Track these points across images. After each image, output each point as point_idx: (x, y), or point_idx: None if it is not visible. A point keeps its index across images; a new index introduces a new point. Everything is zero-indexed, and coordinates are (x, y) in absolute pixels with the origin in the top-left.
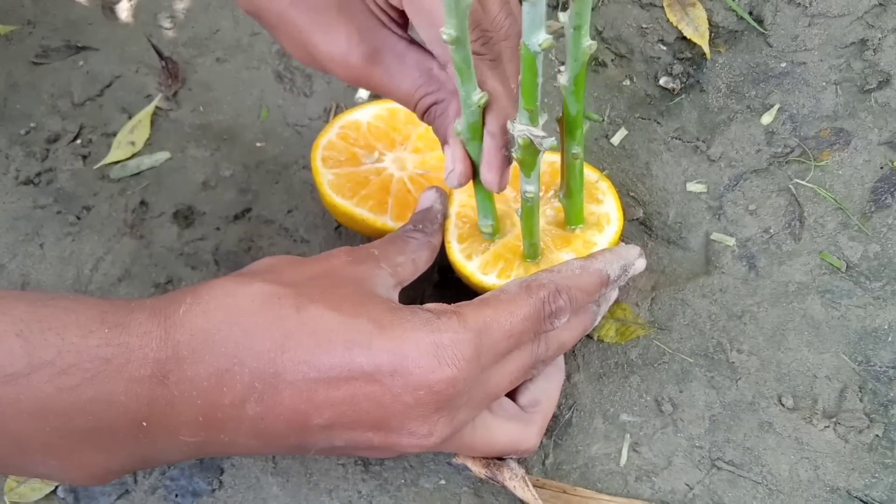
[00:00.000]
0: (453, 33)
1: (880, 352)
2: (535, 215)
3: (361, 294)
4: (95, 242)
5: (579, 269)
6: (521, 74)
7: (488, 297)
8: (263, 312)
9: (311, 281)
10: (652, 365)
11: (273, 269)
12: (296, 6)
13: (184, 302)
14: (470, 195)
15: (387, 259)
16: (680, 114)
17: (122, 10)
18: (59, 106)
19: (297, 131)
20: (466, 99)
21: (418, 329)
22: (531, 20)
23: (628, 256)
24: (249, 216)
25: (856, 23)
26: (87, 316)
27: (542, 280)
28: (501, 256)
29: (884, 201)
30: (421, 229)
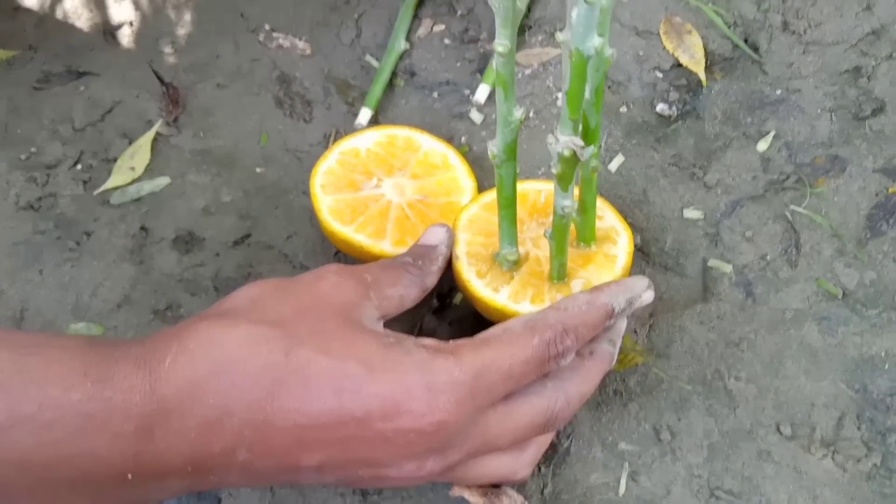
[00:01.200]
0: (507, 44)
1: (877, 379)
2: (567, 232)
3: (350, 329)
4: (95, 268)
5: (586, 304)
6: (570, 81)
7: (489, 337)
8: (252, 360)
9: (298, 316)
10: (650, 392)
11: (258, 303)
12: None
13: (169, 351)
14: (474, 233)
15: (377, 288)
16: (676, 140)
17: (123, 36)
18: (60, 131)
19: (296, 157)
20: (507, 116)
21: (411, 371)
22: (586, 23)
23: (635, 289)
24: (249, 242)
25: (850, 51)
26: (70, 367)
27: (549, 320)
28: (528, 283)
29: (879, 228)
30: (419, 266)
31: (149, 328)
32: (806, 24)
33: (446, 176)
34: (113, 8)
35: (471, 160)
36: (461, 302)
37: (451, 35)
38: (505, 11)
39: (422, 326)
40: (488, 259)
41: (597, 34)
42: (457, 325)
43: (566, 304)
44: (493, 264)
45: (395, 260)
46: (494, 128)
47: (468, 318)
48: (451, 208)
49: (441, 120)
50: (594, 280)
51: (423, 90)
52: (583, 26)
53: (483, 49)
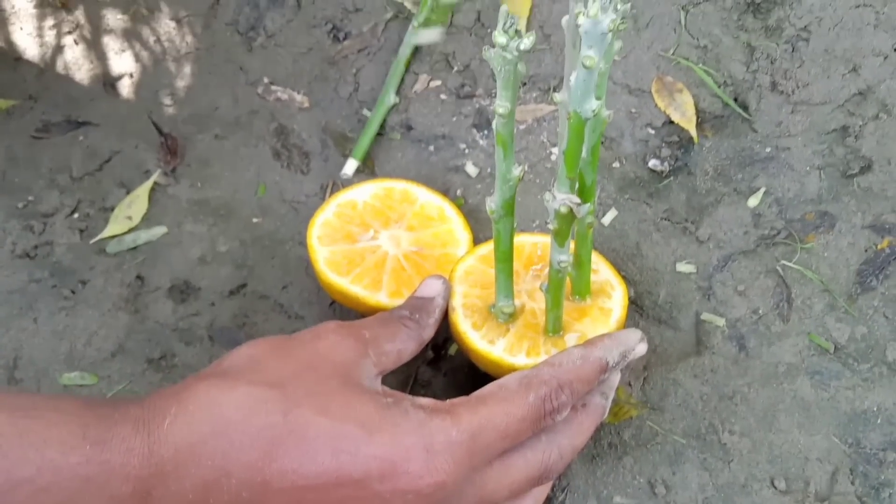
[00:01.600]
0: (508, 105)
1: (870, 434)
2: (563, 286)
3: (348, 389)
4: (90, 317)
5: (580, 359)
6: (567, 141)
7: (485, 395)
8: (250, 421)
9: (297, 376)
10: (645, 446)
11: (257, 363)
12: None
13: (168, 412)
14: (471, 285)
15: (375, 345)
16: (669, 195)
17: (123, 87)
18: (58, 180)
19: (293, 208)
20: (506, 174)
21: (409, 433)
22: (585, 86)
23: (628, 342)
24: (244, 292)
25: (837, 110)
26: (68, 430)
27: (544, 376)
28: (524, 335)
29: (869, 284)
30: (416, 319)
31: (143, 378)
32: (794, 84)
33: (442, 228)
34: (113, 60)
35: (466, 213)
36: (456, 353)
37: (448, 90)
38: (506, 74)
39: (416, 377)
40: (484, 311)
41: (595, 97)
42: (451, 376)
43: (560, 360)
44: (489, 316)
45: (393, 314)
46: (490, 181)
47: (463, 368)
48: (446, 260)
49: (437, 173)
50: (589, 333)
51: (419, 144)
52: (581, 89)
53: (479, 104)
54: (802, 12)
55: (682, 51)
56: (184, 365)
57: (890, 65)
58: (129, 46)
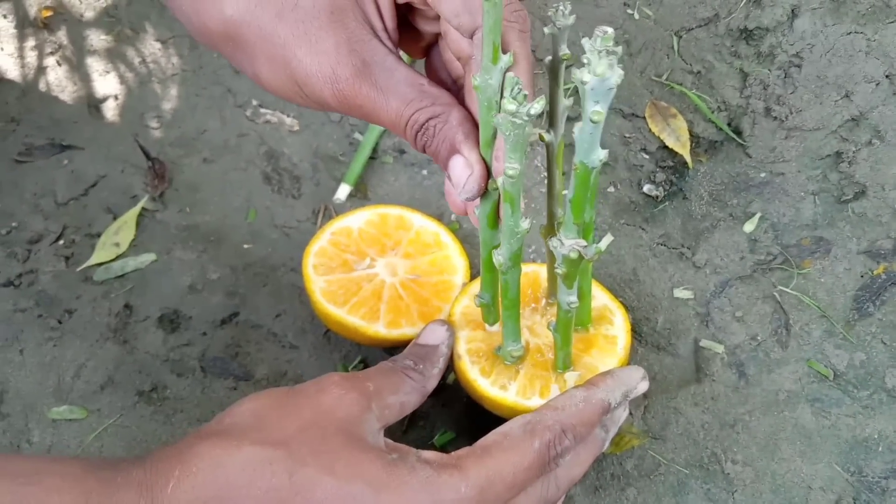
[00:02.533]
0: (517, 168)
1: (871, 462)
2: (572, 325)
3: (353, 446)
4: (77, 348)
5: (582, 401)
6: (574, 191)
7: (490, 445)
8: (256, 484)
9: (301, 434)
10: (648, 476)
11: (260, 420)
12: (282, 17)
13: (172, 475)
14: (472, 327)
15: (379, 398)
16: (664, 220)
17: (108, 110)
18: (42, 205)
19: (284, 233)
20: (514, 228)
21: (418, 491)
22: (591, 139)
23: (630, 381)
24: (237, 321)
25: (830, 136)
26: (70, 497)
27: (547, 421)
28: (535, 375)
29: (866, 309)
30: (420, 370)
31: (134, 411)
32: (787, 110)
33: (439, 255)
34: (98, 81)
35: (461, 238)
36: (454, 382)
37: None
38: (516, 138)
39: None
40: (489, 355)
41: (600, 147)
42: (450, 407)
43: (563, 403)
44: (496, 360)
45: (396, 364)
46: None
47: (461, 398)
48: (444, 287)
49: (431, 197)
50: (600, 365)
51: (412, 167)
52: (587, 142)
53: None
54: (794, 39)
55: (676, 76)
56: (175, 397)
57: (882, 91)
58: (113, 68)
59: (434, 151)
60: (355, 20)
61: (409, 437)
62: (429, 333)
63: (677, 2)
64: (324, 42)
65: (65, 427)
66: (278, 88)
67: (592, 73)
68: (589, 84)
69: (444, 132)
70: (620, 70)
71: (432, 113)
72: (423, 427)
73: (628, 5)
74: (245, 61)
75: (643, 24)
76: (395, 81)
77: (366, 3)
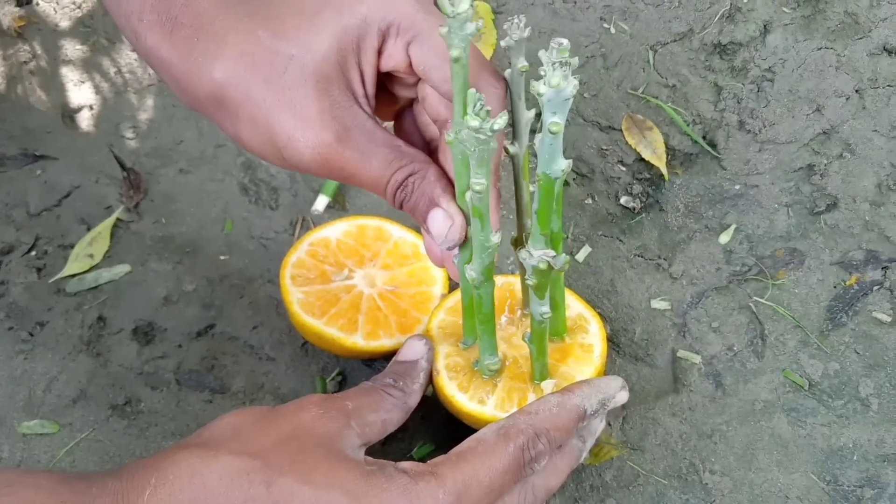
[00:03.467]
0: (484, 182)
1: (847, 471)
2: (546, 335)
3: (332, 458)
4: (49, 361)
5: (556, 406)
6: (539, 202)
7: (465, 451)
8: (233, 493)
9: (280, 446)
10: (627, 487)
11: (239, 433)
12: (270, 83)
13: (148, 484)
14: (449, 342)
15: (358, 416)
16: (641, 232)
17: (82, 119)
18: (14, 216)
19: (262, 244)
20: (485, 242)
21: (395, 498)
22: (552, 150)
23: (608, 390)
24: (213, 333)
25: (802, 149)
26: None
27: (520, 425)
28: (512, 388)
29: (839, 320)
30: (400, 387)
31: (107, 425)
32: (760, 123)
33: (417, 266)
34: (72, 91)
35: None
36: (432, 394)
37: None
38: (480, 154)
39: None
40: (467, 369)
41: (562, 157)
42: (429, 420)
43: (537, 408)
44: (474, 374)
45: (376, 382)
46: None
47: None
48: (422, 298)
49: None
50: (576, 375)
51: None
52: (548, 153)
53: None
54: (767, 54)
55: (651, 90)
56: (150, 411)
57: (852, 105)
58: (88, 78)
59: (412, 207)
60: (339, 88)
61: (388, 449)
62: (407, 349)
63: (653, 17)
64: (308, 109)
65: (36, 441)
66: (258, 149)
67: (548, 85)
68: (545, 96)
69: (422, 188)
70: (575, 81)
71: (411, 170)
72: (402, 440)
73: (604, 20)
74: (227, 121)
75: (619, 38)
76: (376, 144)
77: (350, 71)
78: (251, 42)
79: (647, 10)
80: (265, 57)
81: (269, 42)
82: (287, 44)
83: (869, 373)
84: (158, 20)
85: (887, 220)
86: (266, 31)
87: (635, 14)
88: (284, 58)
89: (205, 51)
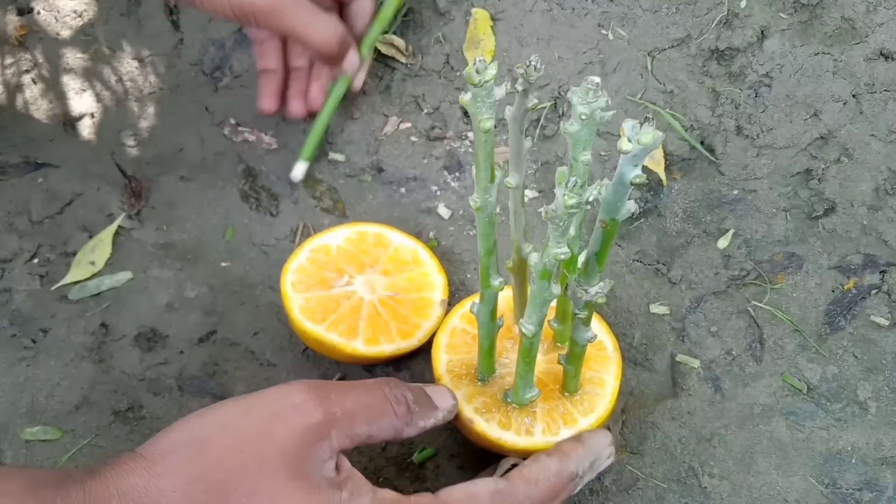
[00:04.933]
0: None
1: (846, 474)
2: (584, 355)
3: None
4: (52, 367)
5: (555, 476)
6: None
7: (453, 503)
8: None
9: (240, 469)
10: (626, 491)
11: (199, 447)
12: None
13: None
14: (468, 383)
15: (347, 425)
16: (640, 237)
17: (84, 127)
18: (16, 224)
19: (262, 251)
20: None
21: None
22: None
23: (599, 449)
24: (214, 339)
25: (800, 154)
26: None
27: (518, 496)
28: (551, 409)
29: (838, 324)
30: (411, 412)
31: (109, 431)
32: (758, 128)
33: (417, 272)
34: (74, 99)
35: (439, 255)
36: None
37: (418, 132)
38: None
39: None
40: (497, 404)
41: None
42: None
43: (536, 476)
44: (505, 407)
45: (393, 390)
46: (462, 223)
47: None
48: (422, 304)
49: (409, 215)
50: (603, 377)
51: (390, 185)
52: (620, 200)
53: (449, 146)
54: (764, 59)
55: (649, 95)
56: (152, 416)
57: (849, 110)
58: (89, 86)
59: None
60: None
61: (389, 452)
62: (438, 395)
63: (650, 23)
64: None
65: (38, 447)
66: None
67: (638, 143)
68: (632, 152)
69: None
70: (660, 134)
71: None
72: (403, 444)
73: (602, 26)
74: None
75: (617, 44)
76: None
77: None
78: None
79: (644, 16)
80: None
81: None
82: None
83: (867, 376)
84: None
85: (885, 225)
86: None
87: (633, 20)
88: None
89: None
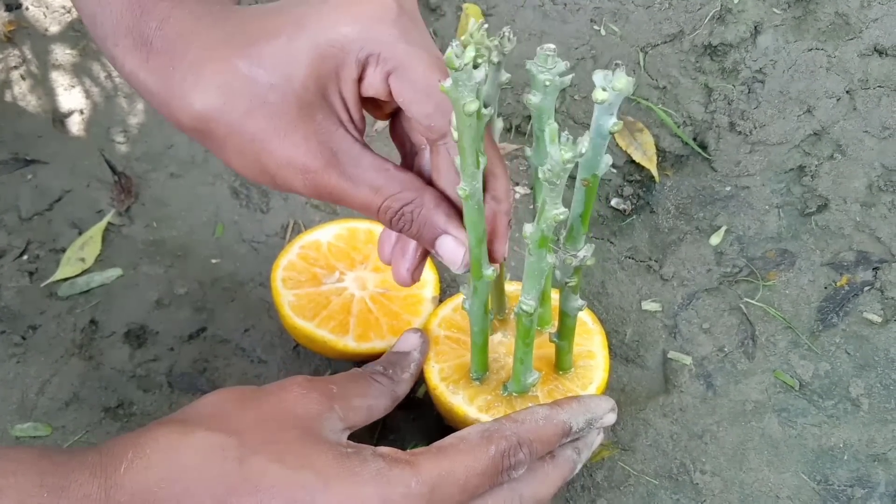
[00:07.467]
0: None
1: (837, 471)
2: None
3: (308, 440)
4: (42, 364)
5: (543, 419)
6: (584, 204)
7: (447, 446)
8: (206, 468)
9: (257, 425)
10: (618, 488)
11: (219, 411)
12: (251, 114)
13: (125, 457)
14: (464, 386)
15: (343, 400)
16: (632, 234)
17: (73, 124)
18: (6, 220)
19: (253, 248)
20: (545, 268)
21: (367, 483)
22: (602, 149)
23: (597, 410)
24: (204, 336)
25: (793, 150)
26: (25, 479)
27: (505, 431)
28: (552, 391)
29: (830, 320)
30: (389, 375)
31: (100, 427)
32: (751, 125)
33: None
34: (63, 96)
35: None
36: (424, 396)
37: None
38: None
39: (385, 423)
40: (500, 400)
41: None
42: (421, 421)
43: (524, 417)
44: (509, 400)
45: (365, 370)
46: None
47: (432, 412)
48: (413, 301)
49: None
50: (592, 348)
51: None
52: (599, 153)
53: None
54: (757, 55)
55: (642, 91)
56: (142, 413)
57: (843, 106)
58: (78, 82)
59: (416, 235)
60: (322, 113)
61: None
62: (402, 341)
63: (643, 18)
64: (293, 135)
65: (29, 444)
66: (250, 176)
67: (613, 90)
68: (609, 99)
69: (423, 216)
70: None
71: (404, 200)
72: (394, 441)
73: (595, 21)
74: (216, 150)
75: (609, 39)
76: (363, 169)
77: (332, 97)
78: (229, 72)
79: (637, 11)
80: (245, 87)
81: (248, 70)
82: (265, 72)
83: (859, 373)
84: (133, 45)
85: (878, 221)
86: (243, 59)
87: (625, 16)
88: (264, 87)
89: (182, 81)
